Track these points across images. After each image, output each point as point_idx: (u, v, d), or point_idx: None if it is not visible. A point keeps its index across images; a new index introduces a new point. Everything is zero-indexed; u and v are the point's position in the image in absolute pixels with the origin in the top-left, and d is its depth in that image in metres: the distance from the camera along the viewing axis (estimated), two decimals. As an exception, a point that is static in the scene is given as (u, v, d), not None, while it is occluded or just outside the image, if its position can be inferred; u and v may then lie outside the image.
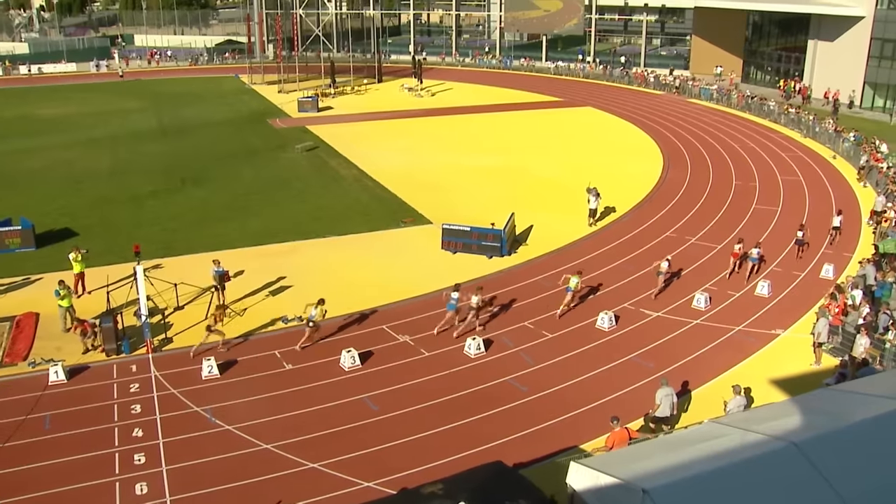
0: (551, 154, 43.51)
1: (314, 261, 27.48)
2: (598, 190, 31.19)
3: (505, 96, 64.06)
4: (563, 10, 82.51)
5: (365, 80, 70.40)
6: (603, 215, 32.03)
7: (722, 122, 52.96)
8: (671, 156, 43.25)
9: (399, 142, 46.38)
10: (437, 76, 74.20)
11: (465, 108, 58.16)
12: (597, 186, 31.39)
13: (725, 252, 28.05)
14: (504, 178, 38.41)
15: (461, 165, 40.74)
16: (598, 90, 67.87)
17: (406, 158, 42.25)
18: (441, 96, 64.18)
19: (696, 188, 36.85)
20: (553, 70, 78.80)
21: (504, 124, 52.51)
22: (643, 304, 23.82)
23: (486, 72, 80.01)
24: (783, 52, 67.40)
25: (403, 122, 52.86)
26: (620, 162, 41.78)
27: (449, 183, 37.50)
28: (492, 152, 43.78)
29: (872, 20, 56.21)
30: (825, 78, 59.73)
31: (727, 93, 60.92)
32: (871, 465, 8.94)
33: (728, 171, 40.11)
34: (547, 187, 36.47)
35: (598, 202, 30.98)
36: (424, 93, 64.64)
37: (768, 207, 33.65)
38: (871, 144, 41.54)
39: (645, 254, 28.06)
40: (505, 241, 27.79)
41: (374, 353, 20.81)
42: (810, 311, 23.17)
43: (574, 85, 71.01)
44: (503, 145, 45.72)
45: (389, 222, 31.57)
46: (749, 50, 72.02)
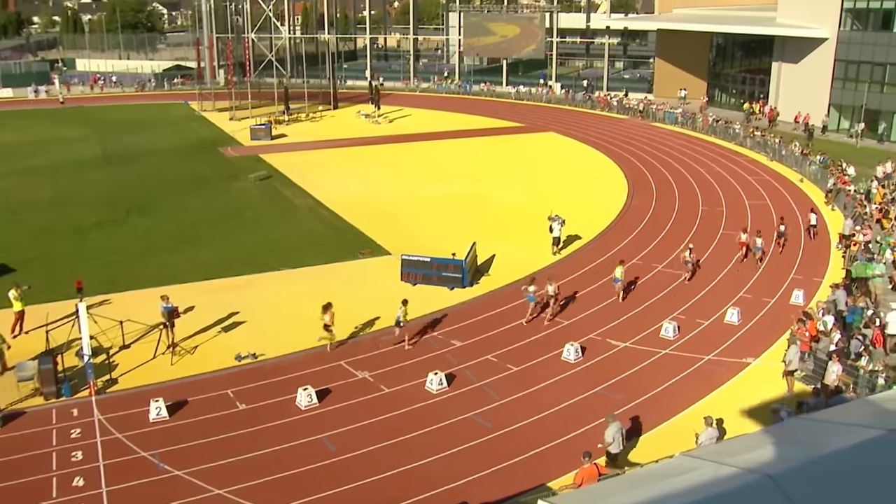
0: (513, 181, 43.85)
1: (268, 294, 27.18)
2: (562, 217, 31.45)
3: (465, 122, 64.56)
4: (521, 35, 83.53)
5: (320, 107, 70.44)
6: (567, 243, 32.28)
7: (687, 146, 53.97)
8: (636, 181, 43.89)
9: (356, 170, 46.36)
10: (395, 102, 74.57)
11: (424, 135, 58.44)
12: (559, 214, 31.65)
13: (694, 279, 28.47)
14: (465, 206, 38.54)
15: (420, 194, 40.82)
16: (561, 115, 68.78)
17: (363, 187, 42.21)
18: (399, 123, 64.43)
19: (662, 214, 37.37)
20: (514, 95, 79.79)
21: (465, 151, 52.86)
22: (610, 335, 23.94)
23: (446, 97, 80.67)
24: (748, 74, 69.22)
25: (360, 150, 52.89)
26: (584, 188, 42.25)
27: (408, 212, 37.50)
28: (452, 180, 43.96)
29: (836, 42, 57.79)
30: (790, 100, 61.29)
31: (692, 116, 62.25)
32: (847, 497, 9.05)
33: (694, 196, 40.78)
34: (509, 215, 36.66)
35: (561, 230, 31.22)
36: (382, 119, 64.85)
37: (736, 233, 34.14)
38: (838, 167, 42.54)
39: (611, 282, 28.21)
40: (466, 271, 27.77)
41: (332, 390, 20.56)
42: (781, 339, 23.49)
43: (536, 110, 71.91)
44: (464, 172, 45.96)
45: (346, 253, 31.41)
46: (713, 72, 73.82)
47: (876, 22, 56.13)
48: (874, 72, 55.82)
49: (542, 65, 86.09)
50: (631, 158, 50.09)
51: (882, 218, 33.70)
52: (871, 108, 55.48)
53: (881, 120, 55.85)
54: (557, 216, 31.42)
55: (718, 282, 28.52)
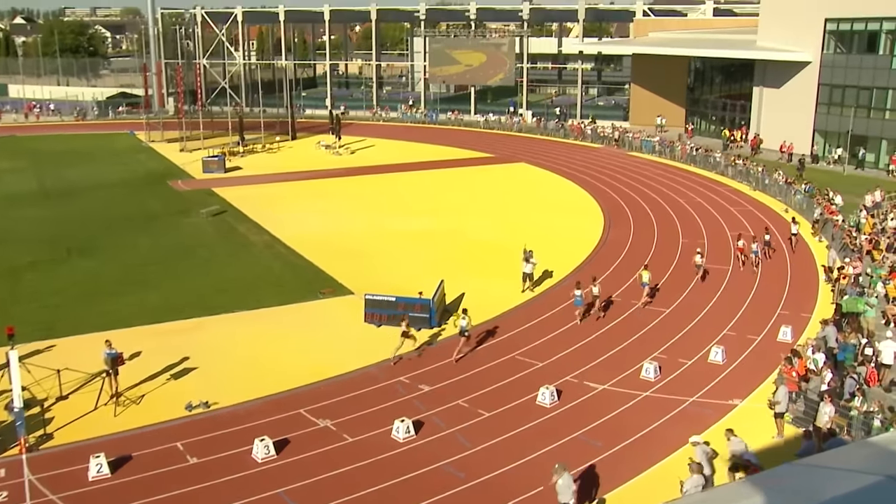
0: (483, 214, 44.05)
1: (221, 338, 26.86)
2: (534, 253, 31.59)
3: (431, 153, 64.96)
4: (488, 63, 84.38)
5: (277, 137, 70.50)
6: (540, 280, 32.40)
7: (665, 176, 54.71)
8: (612, 213, 44.30)
9: (316, 204, 46.31)
10: (357, 132, 74.86)
11: (388, 167, 58.65)
12: (532, 249, 31.79)
13: (675, 316, 28.68)
14: (432, 241, 38.59)
15: (385, 229, 40.82)
16: (532, 144, 69.53)
17: (324, 222, 42.15)
18: (362, 154, 64.63)
19: (641, 247, 37.70)
20: (483, 124, 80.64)
21: (431, 183, 53.10)
22: (587, 377, 23.93)
23: (411, 127, 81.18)
24: (728, 100, 70.40)
25: (320, 183, 52.90)
26: (558, 221, 42.55)
27: (371, 248, 37.45)
28: (418, 214, 44.06)
29: (819, 65, 58.82)
30: (773, 127, 62.28)
31: (670, 144, 63.21)
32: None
33: (674, 227, 41.23)
34: (479, 250, 36.75)
35: (533, 267, 31.28)
36: (343, 150, 65.03)
37: (719, 267, 34.62)
38: (825, 196, 43.11)
39: (587, 321, 28.35)
40: (434, 311, 27.73)
41: (291, 440, 20.28)
42: (769, 378, 23.64)
43: (506, 139, 72.60)
44: (430, 206, 46.11)
45: (306, 293, 31.22)
46: (692, 98, 75.13)
47: (860, 44, 57.29)
48: (860, 96, 56.84)
49: (513, 92, 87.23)
50: (606, 189, 50.64)
51: (872, 249, 34.07)
52: (857, 134, 56.42)
53: (861, 146, 56.78)
54: (530, 251, 31.57)
55: (701, 318, 28.76)
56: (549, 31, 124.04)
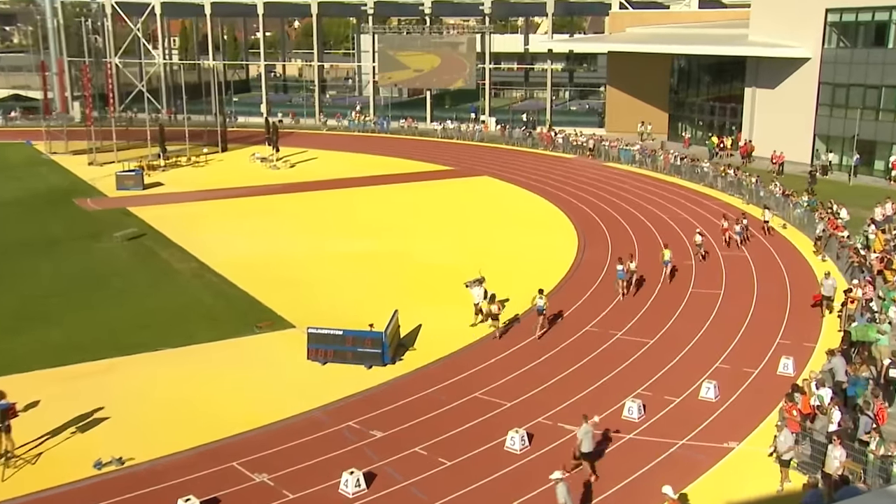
0: (441, 235, 44.17)
1: (139, 382, 26.45)
2: (483, 278, 31.54)
3: (383, 166, 65.08)
4: (443, 67, 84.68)
5: (205, 149, 70.11)
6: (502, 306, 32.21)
7: (647, 189, 55.27)
8: (588, 232, 44.61)
9: (251, 225, 46.12)
10: (298, 142, 74.77)
11: (333, 182, 58.63)
12: (485, 276, 31.77)
13: (660, 347, 28.94)
14: (385, 266, 38.55)
15: (330, 252, 40.70)
16: (497, 155, 69.99)
17: (260, 246, 41.98)
18: (303, 167, 64.56)
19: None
20: (440, 132, 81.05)
21: (382, 200, 53.14)
22: (562, 417, 23.93)
23: (359, 136, 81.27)
24: (716, 102, 71.22)
25: (256, 201, 52.73)
26: (526, 242, 42.78)
27: (315, 275, 37.32)
28: (368, 235, 44.02)
29: (819, 62, 59.45)
30: (768, 132, 62.86)
31: (651, 154, 63.98)
32: None
33: (657, 247, 41.33)
34: (437, 276, 36.75)
35: (481, 298, 31.01)
36: (282, 163, 65.00)
37: (708, 291, 34.99)
38: (828, 210, 42.99)
39: (561, 354, 28.43)
40: (387, 346, 27.65)
41: (222, 499, 20.01)
42: (769, 417, 23.76)
43: (467, 150, 73.01)
44: (381, 226, 46.11)
45: (240, 327, 30.98)
46: (675, 101, 76.08)
47: (867, 37, 57.63)
48: (867, 96, 57.07)
49: (474, 96, 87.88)
50: (580, 205, 51.07)
51: (884, 269, 34.06)
52: (864, 139, 56.51)
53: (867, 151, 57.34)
54: (481, 279, 31.54)
55: (690, 349, 29.00)
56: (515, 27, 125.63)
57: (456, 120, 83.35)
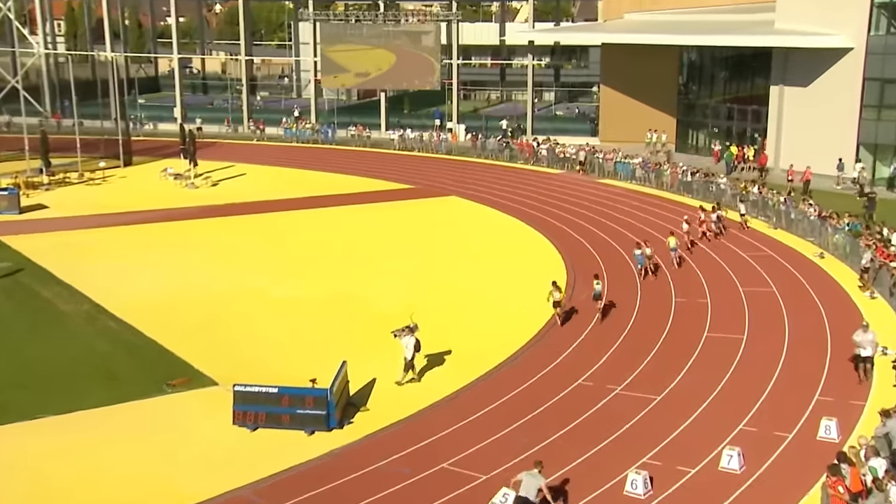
0: (399, 270, 44.17)
1: (11, 458, 25.87)
2: (414, 326, 31.24)
3: (327, 184, 65.14)
4: (398, 67, 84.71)
5: (102, 163, 69.69)
6: (467, 366, 32.22)
7: (651, 212, 55.51)
8: (578, 265, 44.68)
9: (161, 257, 45.85)
10: (222, 155, 74.71)
11: (265, 205, 58.61)
12: (418, 323, 31.56)
13: (670, 405, 28.85)
14: (330, 308, 38.48)
15: (261, 291, 40.57)
16: (467, 170, 70.33)
17: (172, 283, 41.74)
18: (228, 186, 64.51)
19: (619, 311, 37.99)
20: (398, 143, 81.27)
21: (327, 227, 53.12)
22: (551, 493, 23.73)
23: (298, 148, 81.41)
24: (735, 104, 71.51)
25: (168, 228, 52.50)
26: (504, 278, 42.86)
27: (243, 319, 37.16)
28: (310, 270, 44.00)
29: (864, 53, 59.24)
30: (799, 139, 62.54)
31: (655, 168, 64.41)
32: None
33: (664, 282, 41.80)
34: (394, 320, 35.86)
35: (413, 350, 30.90)
36: (201, 181, 64.86)
37: (728, 336, 34.95)
38: (876, 235, 42.58)
39: (547, 414, 28.27)
40: (333, 406, 27.48)
41: None
42: (808, 494, 23.39)
43: (430, 164, 73.34)
44: (327, 259, 46.10)
45: (146, 385, 30.63)
46: (685, 104, 76.50)
47: None
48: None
49: (439, 99, 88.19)
50: (570, 231, 51.34)
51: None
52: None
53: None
54: (412, 326, 31.41)
55: (707, 407, 28.85)
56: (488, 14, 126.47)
57: (417, 128, 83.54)
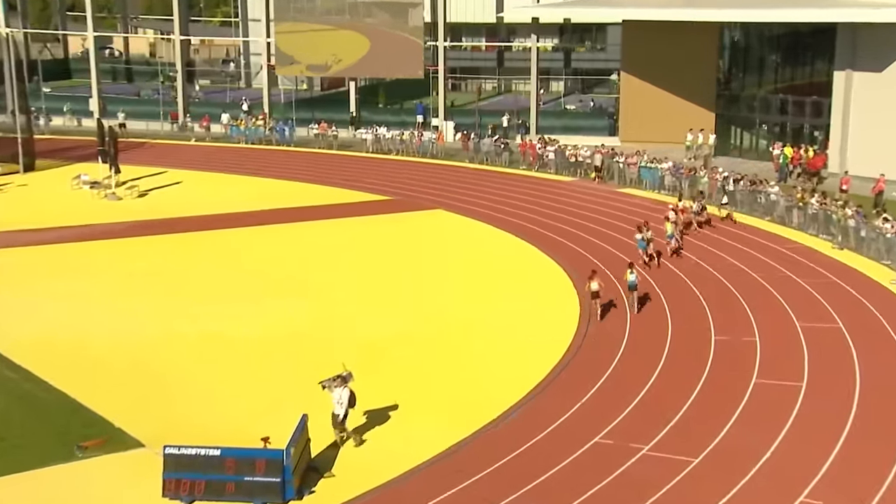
0: (372, 299, 44.05)
1: None
2: (348, 375, 30.76)
3: (283, 195, 65.37)
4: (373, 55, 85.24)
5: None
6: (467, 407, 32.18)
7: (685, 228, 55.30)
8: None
9: (72, 287, 45.65)
10: (152, 158, 75.19)
11: (206, 220, 58.64)
12: (352, 371, 31.10)
13: (711, 469, 28.52)
14: (286, 348, 38.20)
15: (201, 330, 40.30)
16: (457, 178, 70.72)
17: (86, 320, 41.53)
18: (159, 197, 64.74)
19: (646, 351, 37.78)
20: (371, 144, 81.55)
21: (282, 248, 53.11)
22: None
23: (248, 150, 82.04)
24: (789, 95, 71.81)
25: (81, 249, 52.41)
26: (501, 309, 42.69)
27: (177, 364, 36.86)
28: (261, 302, 43.78)
29: None
30: (870, 139, 62.72)
31: (689, 174, 64.08)
32: None
33: (701, 315, 41.60)
34: (366, 362, 35.83)
35: (345, 404, 30.45)
36: (124, 191, 64.87)
37: (783, 382, 34.88)
38: None
39: (555, 481, 28.14)
40: (290, 471, 27.29)
41: None
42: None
43: (411, 170, 73.76)
44: (282, 289, 45.88)
45: (52, 449, 30.32)
46: (726, 95, 76.75)
47: None
48: None
49: (421, 89, 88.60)
50: (583, 252, 51.20)
51: None
52: None
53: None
54: (344, 375, 30.92)
55: (758, 472, 28.54)
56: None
57: (394, 126, 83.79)
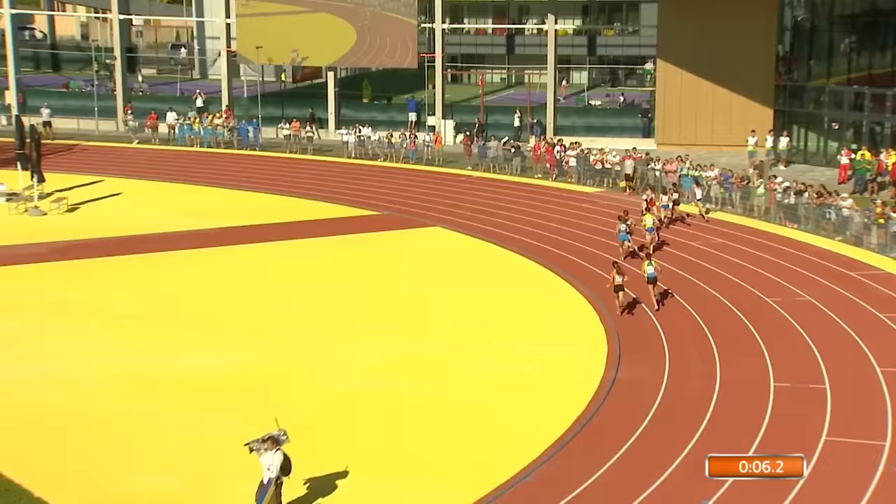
0: (349, 339, 43.72)
1: None
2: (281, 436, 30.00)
3: (248, 209, 65.70)
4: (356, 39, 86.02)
5: None
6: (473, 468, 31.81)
7: (735, 251, 55.51)
8: (625, 329, 44.44)
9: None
10: (85, 164, 76.00)
11: (151, 240, 58.71)
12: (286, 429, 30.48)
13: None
14: (252, 395, 37.71)
15: (139, 372, 39.92)
16: (458, 189, 70.89)
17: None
18: (92, 213, 65.07)
19: (687, 399, 37.48)
20: (353, 148, 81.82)
21: (243, 274, 53.12)
22: None
23: (202, 154, 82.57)
24: (867, 87, 71.97)
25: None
26: (512, 348, 42.44)
27: (117, 417, 36.32)
28: (210, 342, 43.52)
29: None
30: None
31: (740, 184, 63.73)
32: None
33: (757, 356, 41.23)
34: (353, 415, 36.19)
35: (276, 470, 29.59)
36: (50, 205, 65.06)
37: (861, 441, 34.77)
38: None
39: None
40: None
41: None
42: None
43: (403, 179, 74.05)
44: (238, 322, 45.80)
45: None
46: (789, 88, 77.20)
47: None
48: None
49: (415, 81, 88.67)
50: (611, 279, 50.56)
51: None
52: None
53: None
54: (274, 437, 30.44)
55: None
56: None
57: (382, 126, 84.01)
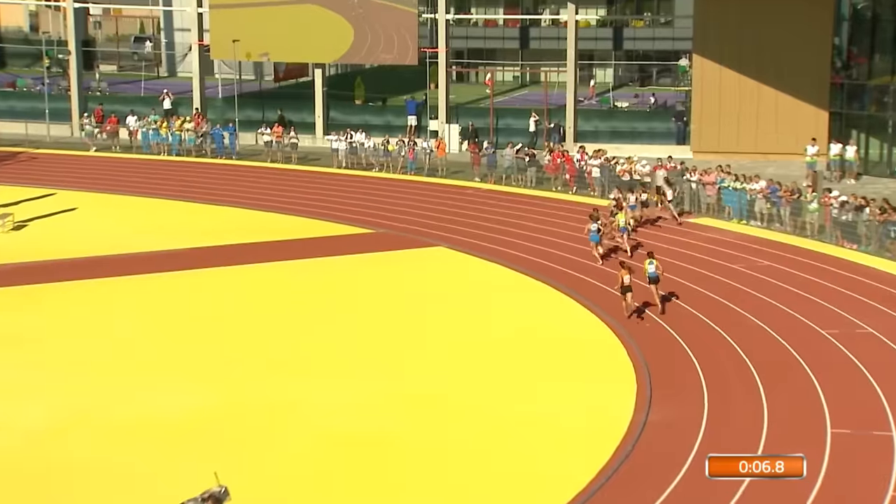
0: (352, 372, 43.72)
1: None
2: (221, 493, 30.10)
3: (223, 226, 65.93)
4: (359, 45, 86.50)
5: None
6: None
7: (784, 275, 55.48)
8: (657, 365, 44.36)
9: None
10: (34, 175, 76.12)
11: (110, 263, 58.85)
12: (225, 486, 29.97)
13: None
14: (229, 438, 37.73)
15: (100, 413, 39.88)
16: (464, 203, 71.00)
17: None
18: (43, 230, 65.29)
19: (727, 447, 36.76)
20: (342, 156, 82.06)
21: (217, 301, 53.29)
22: None
23: (170, 163, 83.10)
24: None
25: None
26: (528, 387, 42.37)
27: (78, 464, 36.07)
28: (191, 377, 43.37)
29: None
30: None
31: (790, 199, 63.24)
32: None
33: (811, 397, 41.20)
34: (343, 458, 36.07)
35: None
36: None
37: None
38: None
39: None
40: None
41: None
42: None
43: (401, 192, 74.27)
44: (209, 356, 45.72)
45: None
46: (848, 86, 77.29)
47: None
48: None
49: (415, 80, 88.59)
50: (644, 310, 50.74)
51: None
52: None
53: None
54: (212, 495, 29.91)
55: None
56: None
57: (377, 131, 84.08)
